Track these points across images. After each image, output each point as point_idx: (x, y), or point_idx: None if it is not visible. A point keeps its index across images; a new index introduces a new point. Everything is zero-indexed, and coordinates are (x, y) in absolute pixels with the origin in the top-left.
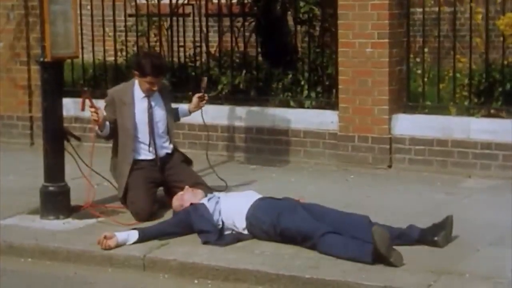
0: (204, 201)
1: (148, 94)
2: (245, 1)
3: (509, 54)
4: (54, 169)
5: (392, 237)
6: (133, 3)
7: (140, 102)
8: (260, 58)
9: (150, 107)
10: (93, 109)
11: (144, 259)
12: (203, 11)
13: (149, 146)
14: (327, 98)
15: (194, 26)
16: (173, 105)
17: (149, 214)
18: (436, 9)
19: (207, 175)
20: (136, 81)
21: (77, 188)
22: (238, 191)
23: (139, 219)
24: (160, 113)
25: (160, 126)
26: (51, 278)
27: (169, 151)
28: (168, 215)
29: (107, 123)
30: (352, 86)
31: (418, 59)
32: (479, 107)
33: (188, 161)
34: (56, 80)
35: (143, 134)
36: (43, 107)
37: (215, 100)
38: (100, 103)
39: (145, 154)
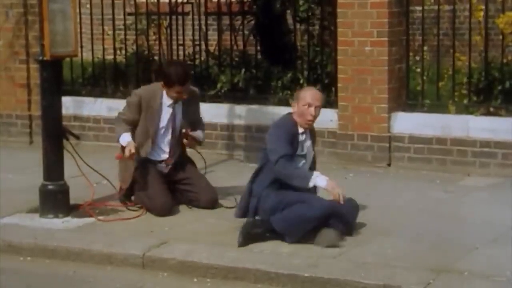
0: None
1: (177, 101)
2: (244, 0)
3: (509, 52)
4: (53, 167)
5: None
6: (132, 2)
7: (166, 110)
8: (259, 56)
9: (174, 116)
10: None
11: (143, 257)
12: (202, 9)
13: (167, 152)
14: (326, 97)
15: (193, 25)
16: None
17: (169, 209)
18: (436, 7)
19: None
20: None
21: (76, 186)
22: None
23: (160, 214)
24: (180, 121)
25: (177, 132)
26: (50, 277)
27: (179, 153)
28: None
29: (129, 136)
30: (352, 85)
31: (417, 58)
32: (478, 106)
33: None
34: (55, 78)
35: (162, 139)
36: (42, 105)
37: (215, 98)
38: (100, 101)
39: (159, 156)
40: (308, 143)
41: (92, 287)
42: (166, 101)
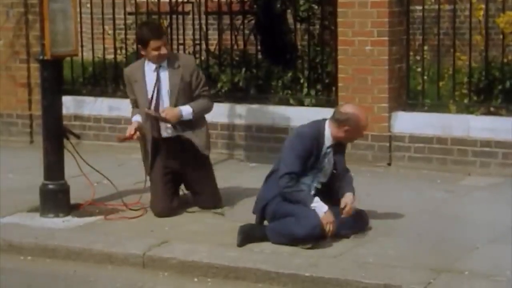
0: None
1: (160, 61)
2: None
3: (509, 52)
4: (53, 167)
5: None
6: (133, 1)
7: (150, 77)
8: (259, 56)
9: (157, 80)
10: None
11: (143, 257)
12: (202, 9)
13: (158, 125)
14: (326, 96)
15: (193, 24)
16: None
17: (167, 213)
18: (436, 6)
19: None
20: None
21: (76, 186)
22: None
23: (157, 216)
24: (166, 87)
25: (166, 101)
26: (50, 276)
27: (178, 133)
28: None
29: (137, 116)
30: (352, 84)
31: (418, 57)
32: (478, 105)
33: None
34: (56, 78)
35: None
36: (42, 105)
37: (215, 98)
38: (100, 100)
39: (164, 131)
40: (331, 155)
41: (93, 286)
42: (149, 68)
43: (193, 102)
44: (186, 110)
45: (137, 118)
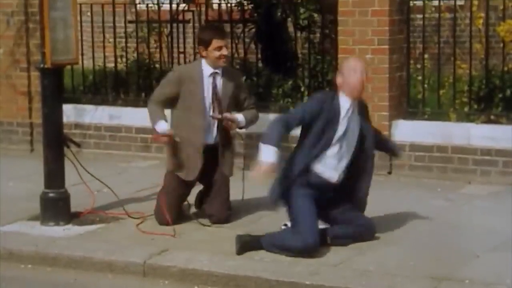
0: None
1: (220, 63)
2: (245, 8)
3: (509, 60)
4: (54, 175)
5: None
6: (133, 10)
7: (207, 81)
8: (260, 64)
9: (215, 86)
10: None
11: (144, 265)
12: (203, 17)
13: (210, 129)
14: None
15: (194, 33)
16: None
17: (172, 223)
18: (436, 15)
19: None
20: (203, 60)
21: (77, 194)
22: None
23: (161, 224)
24: (223, 94)
25: (222, 106)
26: (51, 285)
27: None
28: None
29: (165, 124)
30: None
31: (418, 65)
32: (479, 113)
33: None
34: (56, 86)
35: (205, 114)
36: (43, 113)
37: None
38: (101, 108)
39: (209, 138)
40: (356, 118)
41: None
42: (206, 70)
43: (243, 112)
44: (241, 117)
45: (165, 126)
